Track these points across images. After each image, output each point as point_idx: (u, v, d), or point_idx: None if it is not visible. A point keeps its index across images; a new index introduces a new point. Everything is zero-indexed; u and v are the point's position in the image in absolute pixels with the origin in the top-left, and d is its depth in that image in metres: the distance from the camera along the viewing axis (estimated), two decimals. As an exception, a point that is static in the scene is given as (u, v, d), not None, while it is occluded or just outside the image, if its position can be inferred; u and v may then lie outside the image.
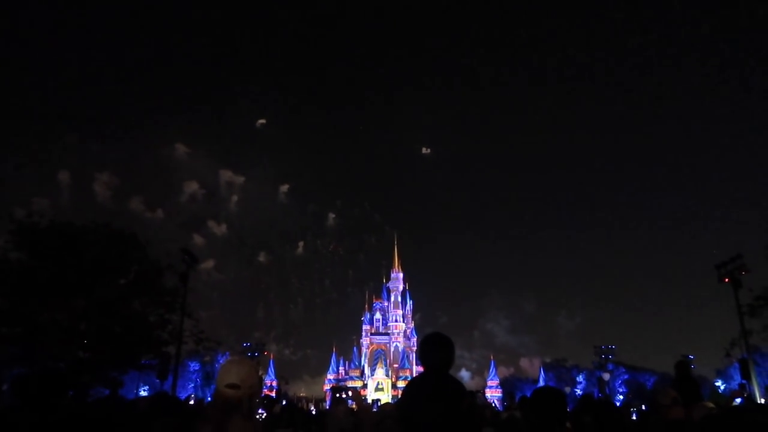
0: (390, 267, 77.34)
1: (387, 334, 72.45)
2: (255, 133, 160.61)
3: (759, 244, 27.03)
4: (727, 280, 24.53)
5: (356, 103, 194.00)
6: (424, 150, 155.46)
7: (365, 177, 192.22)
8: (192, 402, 24.34)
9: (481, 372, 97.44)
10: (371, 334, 72.89)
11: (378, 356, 69.65)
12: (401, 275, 76.30)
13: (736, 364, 28.33)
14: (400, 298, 74.69)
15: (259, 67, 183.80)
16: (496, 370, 68.25)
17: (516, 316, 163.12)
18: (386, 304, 74.73)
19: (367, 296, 76.36)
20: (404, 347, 70.34)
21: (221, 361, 60.50)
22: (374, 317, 74.11)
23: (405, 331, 72.41)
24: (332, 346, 70.97)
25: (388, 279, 76.21)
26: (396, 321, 72.70)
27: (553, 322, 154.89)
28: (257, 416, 3.08)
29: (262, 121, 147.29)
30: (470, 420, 3.05)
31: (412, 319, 75.71)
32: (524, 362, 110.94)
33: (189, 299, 24.76)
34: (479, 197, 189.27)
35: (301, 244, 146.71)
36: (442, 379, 2.96)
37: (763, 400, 17.27)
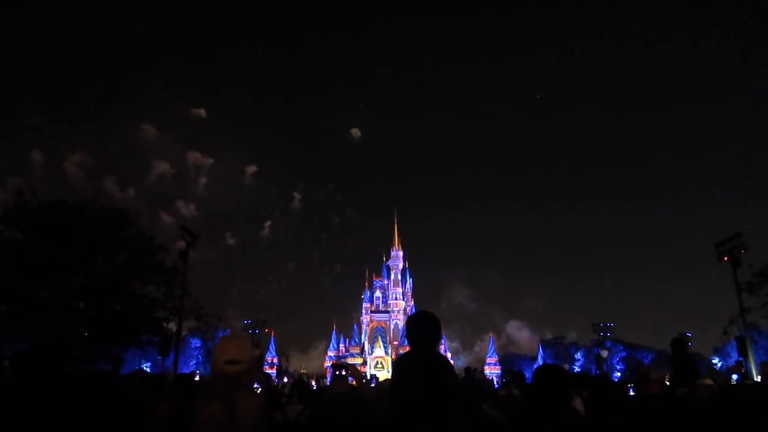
0: (390, 245, 77.51)
1: (387, 311, 72.92)
2: (221, 117, 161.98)
3: (759, 221, 26.98)
4: (726, 258, 24.50)
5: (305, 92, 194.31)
6: (353, 131, 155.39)
7: (325, 159, 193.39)
8: (197, 378, 24.50)
9: (469, 346, 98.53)
10: (371, 311, 73.34)
11: (378, 334, 70.20)
12: (401, 253, 76.49)
13: (734, 342, 28.52)
14: (400, 276, 74.98)
15: (214, 54, 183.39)
16: (494, 347, 68.91)
17: (486, 288, 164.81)
18: (386, 282, 75.06)
19: (367, 274, 76.73)
20: (404, 325, 70.70)
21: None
22: (374, 295, 74.52)
23: (405, 309, 72.82)
24: (307, 323, 71.66)
25: (389, 257, 76.42)
26: (396, 299, 73.10)
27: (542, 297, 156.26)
28: (256, 390, 3.15)
29: (201, 111, 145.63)
30: (457, 395, 3.06)
31: (412, 297, 76.11)
32: (511, 327, 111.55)
33: (176, 276, 24.90)
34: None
35: (267, 224, 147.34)
36: (428, 355, 2.97)
37: (759, 378, 17.38)
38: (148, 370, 41.94)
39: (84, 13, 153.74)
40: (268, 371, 50.20)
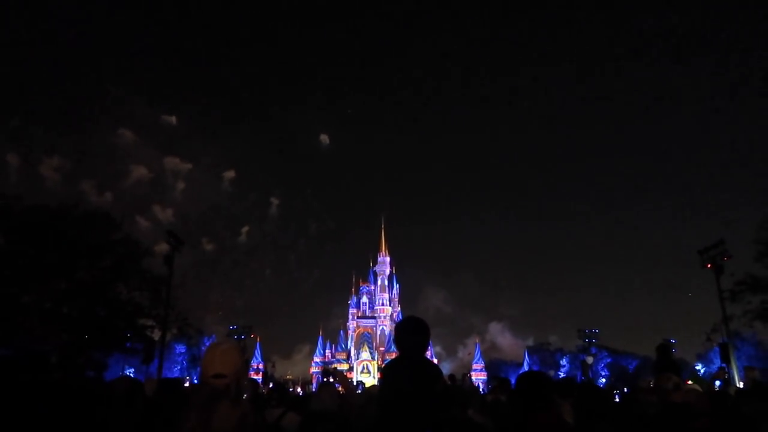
0: (377, 251, 77.42)
1: (374, 317, 72.78)
2: (195, 124, 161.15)
3: (742, 230, 27.30)
4: (709, 265, 24.75)
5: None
6: (322, 138, 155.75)
7: (303, 166, 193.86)
8: (187, 384, 24.19)
9: (452, 351, 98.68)
10: (358, 317, 73.15)
11: (364, 339, 69.94)
12: (388, 259, 76.42)
13: (717, 348, 28.81)
14: (386, 282, 74.89)
15: (187, 61, 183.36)
16: (480, 354, 68.95)
17: (468, 292, 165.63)
18: (373, 287, 74.92)
19: (353, 279, 76.56)
20: (390, 330, 70.68)
21: (207, 344, 60.63)
22: (361, 300, 74.34)
23: (391, 315, 72.70)
24: (288, 328, 71.11)
25: (375, 263, 76.30)
26: (382, 304, 72.98)
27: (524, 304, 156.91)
28: (243, 397, 3.08)
29: (171, 118, 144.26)
30: (447, 401, 3.06)
31: (398, 303, 76.01)
32: (493, 330, 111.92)
33: (161, 282, 24.63)
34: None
35: (245, 230, 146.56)
36: (418, 362, 2.98)
37: (741, 384, 17.61)
38: (131, 375, 41.42)
39: (58, 18, 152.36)
40: (255, 377, 49.76)
